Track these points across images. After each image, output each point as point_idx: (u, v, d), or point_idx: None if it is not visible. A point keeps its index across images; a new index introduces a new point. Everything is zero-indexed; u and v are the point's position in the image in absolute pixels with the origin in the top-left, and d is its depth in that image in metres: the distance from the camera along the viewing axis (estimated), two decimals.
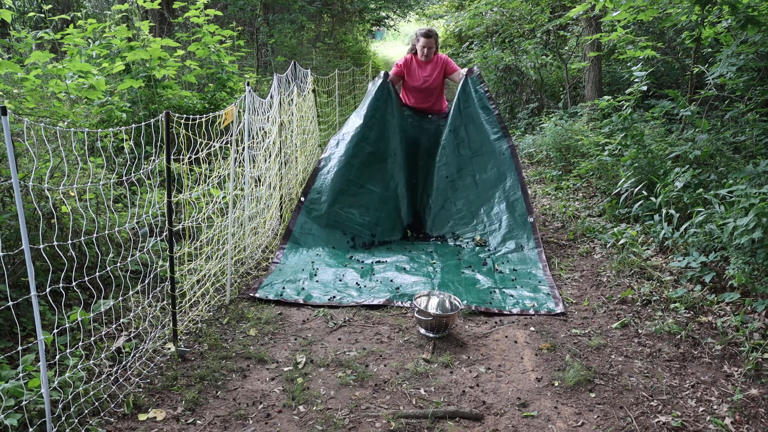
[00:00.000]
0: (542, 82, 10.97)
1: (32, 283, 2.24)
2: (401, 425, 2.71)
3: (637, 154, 5.50)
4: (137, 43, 5.77)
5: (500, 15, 11.46)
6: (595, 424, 2.73)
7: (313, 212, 5.01)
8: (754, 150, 5.10)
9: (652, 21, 7.83)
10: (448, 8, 19.28)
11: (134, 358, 3.11)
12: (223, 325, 3.66)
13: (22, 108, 4.48)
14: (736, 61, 5.14)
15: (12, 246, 3.35)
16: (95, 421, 2.65)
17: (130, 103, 5.61)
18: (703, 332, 3.51)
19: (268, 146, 4.65)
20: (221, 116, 3.65)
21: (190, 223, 3.65)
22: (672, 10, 5.84)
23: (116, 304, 3.37)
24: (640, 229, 4.97)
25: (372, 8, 19.03)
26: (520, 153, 8.82)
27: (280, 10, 14.17)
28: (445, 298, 3.81)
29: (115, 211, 4.33)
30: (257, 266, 4.57)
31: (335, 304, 4.00)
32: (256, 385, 3.03)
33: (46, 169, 3.86)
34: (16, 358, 2.91)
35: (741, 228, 3.67)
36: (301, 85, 6.48)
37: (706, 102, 6.48)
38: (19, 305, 3.16)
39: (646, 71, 6.09)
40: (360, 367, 3.20)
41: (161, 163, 4.17)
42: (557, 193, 6.76)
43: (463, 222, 5.18)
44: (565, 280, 4.38)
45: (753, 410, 2.79)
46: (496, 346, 3.46)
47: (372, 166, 5.17)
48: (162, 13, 11.22)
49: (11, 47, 6.87)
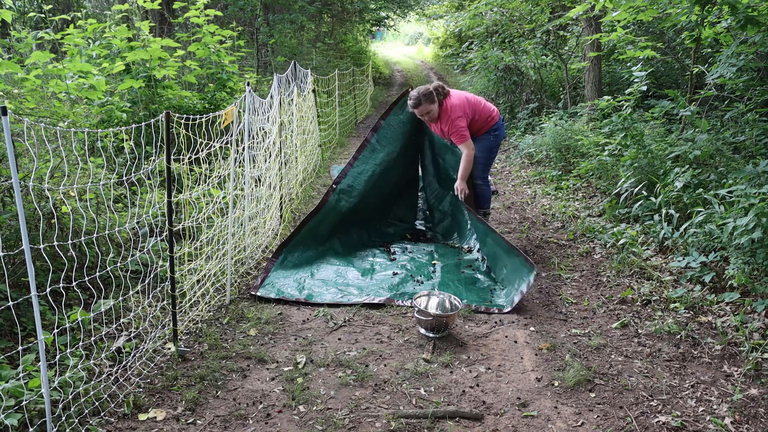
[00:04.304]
0: (542, 82, 10.98)
1: (32, 283, 2.24)
2: (401, 425, 2.71)
3: (637, 154, 5.50)
4: (137, 43, 5.77)
5: (500, 15, 11.47)
6: (595, 424, 2.74)
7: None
8: (754, 150, 5.11)
9: (652, 21, 7.84)
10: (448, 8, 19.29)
11: (134, 358, 3.11)
12: (223, 325, 3.67)
13: (22, 108, 4.48)
14: (736, 61, 5.15)
15: (12, 246, 3.36)
16: (95, 421, 2.65)
17: (130, 103, 5.62)
18: (703, 332, 3.51)
19: (268, 146, 4.66)
20: (221, 116, 3.65)
21: (190, 223, 3.65)
22: (672, 10, 5.84)
23: (116, 304, 3.38)
24: (640, 229, 4.97)
25: (372, 8, 19.05)
26: (520, 153, 8.83)
27: (280, 10, 14.17)
28: (445, 298, 3.81)
29: (115, 211, 4.34)
30: (257, 266, 4.57)
31: (336, 302, 4.00)
32: (256, 385, 3.04)
33: (47, 169, 3.87)
34: (16, 358, 2.91)
35: (741, 228, 3.67)
36: (301, 85, 6.49)
37: (706, 102, 6.49)
38: (20, 305, 3.16)
39: (646, 71, 6.10)
40: (360, 367, 3.21)
41: (161, 163, 4.17)
42: (557, 193, 6.76)
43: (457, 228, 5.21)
44: (565, 280, 4.38)
45: (753, 410, 2.79)
46: (496, 346, 3.46)
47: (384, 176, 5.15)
48: (162, 13, 11.22)
49: (11, 47, 6.87)
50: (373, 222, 5.19)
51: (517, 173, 7.98)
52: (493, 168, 8.39)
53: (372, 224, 5.18)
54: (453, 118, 4.57)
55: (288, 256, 4.58)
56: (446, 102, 4.63)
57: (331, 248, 4.83)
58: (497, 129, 4.79)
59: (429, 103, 4.56)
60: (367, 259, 4.73)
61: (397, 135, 5.09)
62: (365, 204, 5.00)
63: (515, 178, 7.76)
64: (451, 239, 5.21)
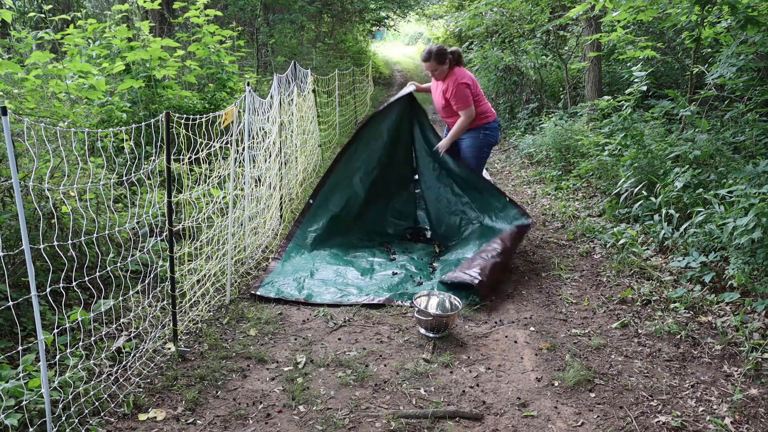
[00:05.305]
0: (542, 82, 10.98)
1: (32, 283, 2.24)
2: (401, 425, 2.71)
3: (637, 154, 5.50)
4: (137, 43, 5.77)
5: (500, 15, 11.46)
6: (595, 424, 2.74)
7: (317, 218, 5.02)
8: (754, 150, 5.10)
9: (652, 21, 7.84)
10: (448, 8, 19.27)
11: (134, 358, 3.11)
12: (223, 325, 3.67)
13: (22, 108, 4.48)
14: (736, 61, 5.15)
15: (12, 246, 3.36)
16: (95, 421, 2.65)
17: (130, 103, 5.62)
18: (703, 332, 3.51)
19: (268, 146, 4.66)
20: (221, 116, 3.65)
21: (190, 223, 3.65)
22: (672, 10, 5.84)
23: (116, 304, 3.38)
24: (640, 229, 4.97)
25: (372, 8, 19.05)
26: (520, 153, 8.83)
27: (280, 10, 14.17)
28: (445, 298, 3.81)
29: (115, 211, 4.34)
30: (257, 266, 4.57)
31: (336, 302, 4.00)
32: (256, 385, 3.04)
33: (47, 169, 3.87)
34: (16, 358, 2.91)
35: (741, 228, 3.67)
36: (301, 85, 6.49)
37: (706, 102, 6.48)
38: (20, 305, 3.16)
39: (646, 71, 6.09)
40: (360, 367, 3.21)
41: (161, 163, 4.17)
42: (557, 193, 6.76)
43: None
44: (565, 280, 4.38)
45: (753, 410, 2.79)
46: (496, 346, 3.46)
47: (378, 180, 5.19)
48: (162, 13, 11.23)
49: (11, 47, 6.87)
50: (372, 212, 5.15)
51: (517, 173, 7.98)
52: (493, 168, 8.40)
53: (372, 218, 5.14)
54: (459, 82, 4.64)
55: (292, 246, 4.75)
56: (457, 68, 4.73)
57: (330, 248, 4.83)
58: (489, 129, 4.81)
59: (437, 63, 4.66)
60: (367, 259, 4.73)
61: (386, 130, 5.11)
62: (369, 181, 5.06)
63: (515, 178, 7.76)
64: (452, 241, 5.17)
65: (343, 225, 5.00)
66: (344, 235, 4.99)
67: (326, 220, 4.94)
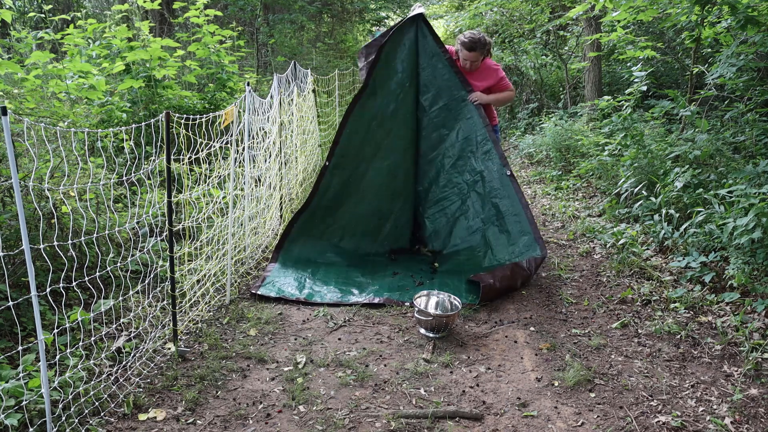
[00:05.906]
0: (542, 82, 10.98)
1: (32, 283, 2.24)
2: (401, 425, 2.71)
3: (637, 154, 5.50)
4: (137, 43, 5.77)
5: (500, 15, 11.46)
6: (595, 424, 2.74)
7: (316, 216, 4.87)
8: (754, 150, 5.10)
9: (652, 21, 7.84)
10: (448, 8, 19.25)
11: (134, 358, 3.11)
12: (223, 325, 3.67)
13: (22, 108, 4.48)
14: (736, 61, 5.15)
15: (12, 246, 3.36)
16: (95, 421, 2.65)
17: (130, 103, 5.62)
18: (703, 332, 3.51)
19: (268, 146, 4.65)
20: (221, 116, 3.65)
21: (190, 223, 3.65)
22: (672, 10, 5.84)
23: (116, 304, 3.38)
24: (640, 229, 4.97)
25: (372, 8, 19.04)
26: (520, 153, 8.83)
27: (280, 10, 14.17)
28: (445, 298, 3.81)
29: (115, 211, 4.34)
30: (257, 266, 4.57)
31: (336, 302, 4.00)
32: (256, 385, 3.04)
33: (47, 169, 3.87)
34: (16, 358, 2.91)
35: (741, 228, 3.67)
36: (301, 85, 6.48)
37: (706, 102, 6.48)
38: (20, 305, 3.16)
39: (646, 71, 6.10)
40: (360, 367, 3.21)
41: (161, 163, 4.17)
42: (557, 193, 6.76)
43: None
44: (565, 280, 4.38)
45: (753, 410, 2.79)
46: (496, 346, 3.46)
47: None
48: (162, 13, 11.23)
49: (11, 47, 6.87)
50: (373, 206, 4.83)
51: (517, 173, 7.98)
52: None
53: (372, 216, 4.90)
54: (499, 71, 4.71)
55: (291, 245, 4.60)
56: (488, 59, 4.71)
57: (331, 247, 4.80)
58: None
59: (480, 54, 4.54)
60: (367, 259, 4.72)
61: (395, 77, 4.61)
62: (362, 172, 4.69)
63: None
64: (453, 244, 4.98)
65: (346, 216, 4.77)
66: (346, 235, 4.87)
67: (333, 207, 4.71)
